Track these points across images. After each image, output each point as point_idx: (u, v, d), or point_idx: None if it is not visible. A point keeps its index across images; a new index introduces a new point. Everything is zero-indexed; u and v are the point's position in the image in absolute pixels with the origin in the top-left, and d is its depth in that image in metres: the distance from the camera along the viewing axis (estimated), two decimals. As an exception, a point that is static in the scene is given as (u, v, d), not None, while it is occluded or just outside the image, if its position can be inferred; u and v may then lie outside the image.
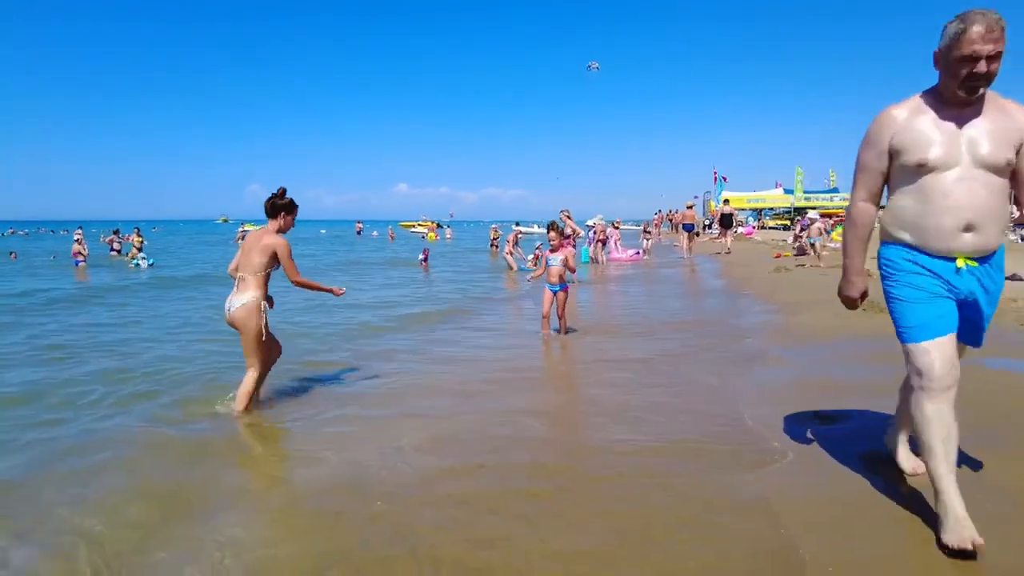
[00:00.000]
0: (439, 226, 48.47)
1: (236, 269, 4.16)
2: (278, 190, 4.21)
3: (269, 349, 4.23)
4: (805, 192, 35.88)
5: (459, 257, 23.16)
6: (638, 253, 19.71)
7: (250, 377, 4.13)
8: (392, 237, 40.03)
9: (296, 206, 4.25)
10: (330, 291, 4.54)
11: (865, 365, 4.94)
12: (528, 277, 6.28)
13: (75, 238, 19.41)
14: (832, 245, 17.01)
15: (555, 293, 6.55)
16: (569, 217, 13.28)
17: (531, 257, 16.83)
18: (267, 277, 4.11)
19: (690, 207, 20.93)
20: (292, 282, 4.18)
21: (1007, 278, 9.81)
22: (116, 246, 22.92)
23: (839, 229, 23.38)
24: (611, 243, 19.24)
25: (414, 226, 53.01)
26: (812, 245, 15.95)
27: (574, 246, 13.41)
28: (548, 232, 6.44)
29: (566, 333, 6.66)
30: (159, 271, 17.17)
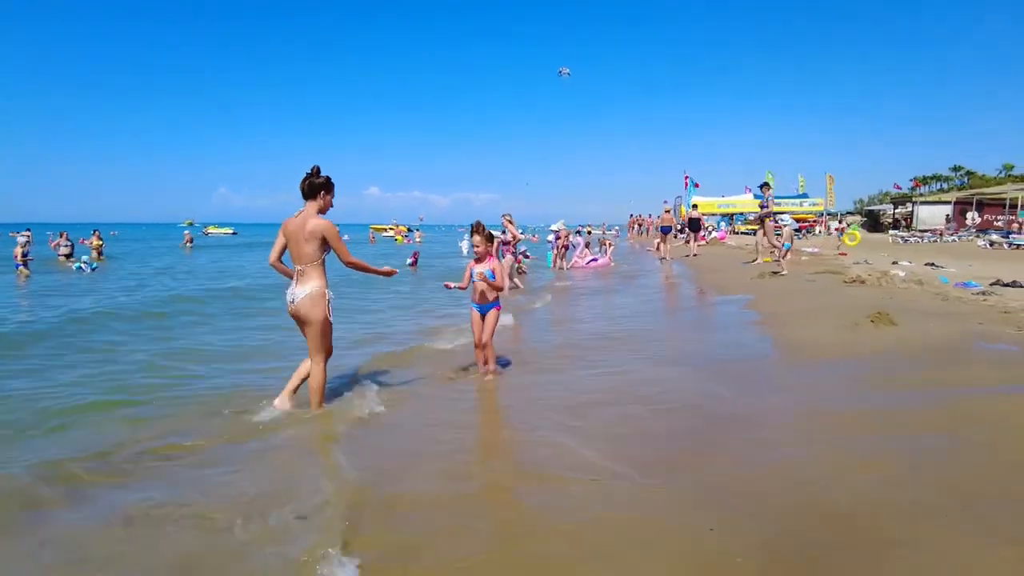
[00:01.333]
0: (409, 230, 48.98)
1: (278, 260, 4.15)
2: (312, 168, 4.00)
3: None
4: (775, 197, 36.30)
5: (433, 261, 22.60)
6: (597, 259, 19.13)
7: (318, 370, 4.07)
8: (372, 240, 42.06)
9: (333, 184, 4.06)
10: (382, 272, 4.35)
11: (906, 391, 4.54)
12: (454, 284, 5.11)
13: (20, 240, 18.07)
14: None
15: (482, 314, 5.22)
16: (511, 222, 12.80)
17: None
18: (324, 263, 4.02)
19: (667, 211, 21.84)
20: (344, 263, 4.09)
21: (1006, 284, 9.85)
22: (64, 250, 21.50)
23: (854, 229, 23.53)
24: (577, 250, 18.94)
25: (385, 230, 52.87)
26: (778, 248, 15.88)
27: (516, 254, 12.92)
28: (472, 236, 5.06)
29: (492, 370, 5.35)
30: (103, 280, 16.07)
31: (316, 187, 3.96)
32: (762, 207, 13.59)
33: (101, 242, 23.74)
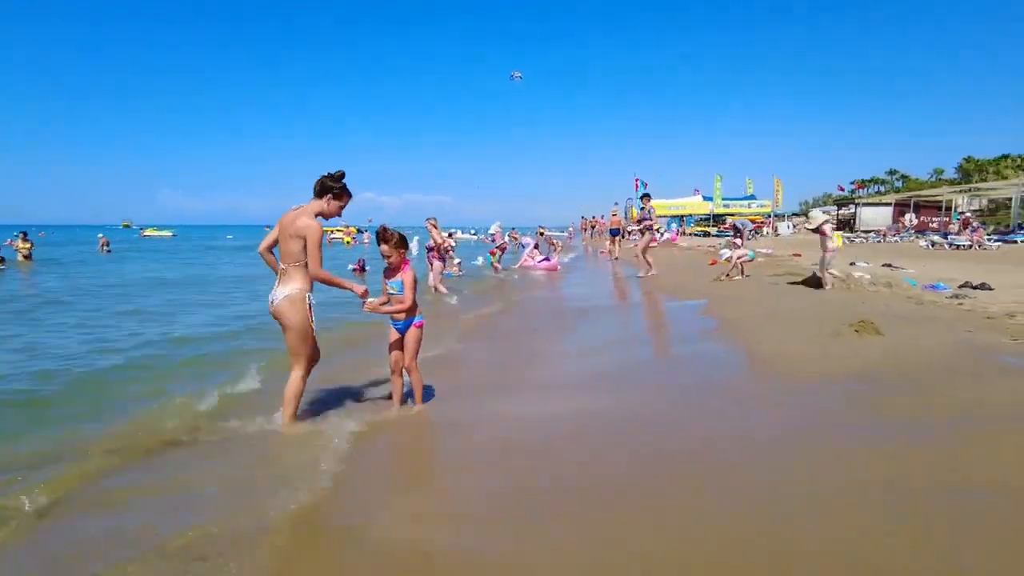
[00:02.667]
0: (359, 231, 47.39)
1: (267, 251, 4.07)
2: (337, 172, 3.87)
3: (315, 347, 3.97)
4: (724, 199, 36.50)
5: (381, 264, 20.85)
6: (548, 259, 18.07)
7: (295, 377, 3.87)
8: (328, 243, 39.91)
9: (349, 194, 3.92)
10: (351, 289, 3.97)
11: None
12: (364, 306, 4.00)
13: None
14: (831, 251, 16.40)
15: (401, 332, 4.21)
16: (435, 226, 11.72)
17: (456, 262, 15.37)
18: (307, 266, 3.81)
19: (614, 213, 22.35)
20: (311, 274, 3.78)
21: (975, 287, 9.36)
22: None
23: (836, 234, 23.00)
24: (527, 250, 18.11)
25: (332, 232, 50.73)
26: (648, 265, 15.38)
27: (443, 259, 11.84)
28: (379, 245, 4.09)
29: (412, 399, 4.31)
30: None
31: (326, 188, 3.82)
32: (641, 220, 12.56)
33: (29, 244, 21.42)
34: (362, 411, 4.29)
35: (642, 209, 12.91)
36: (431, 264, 11.45)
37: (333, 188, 3.84)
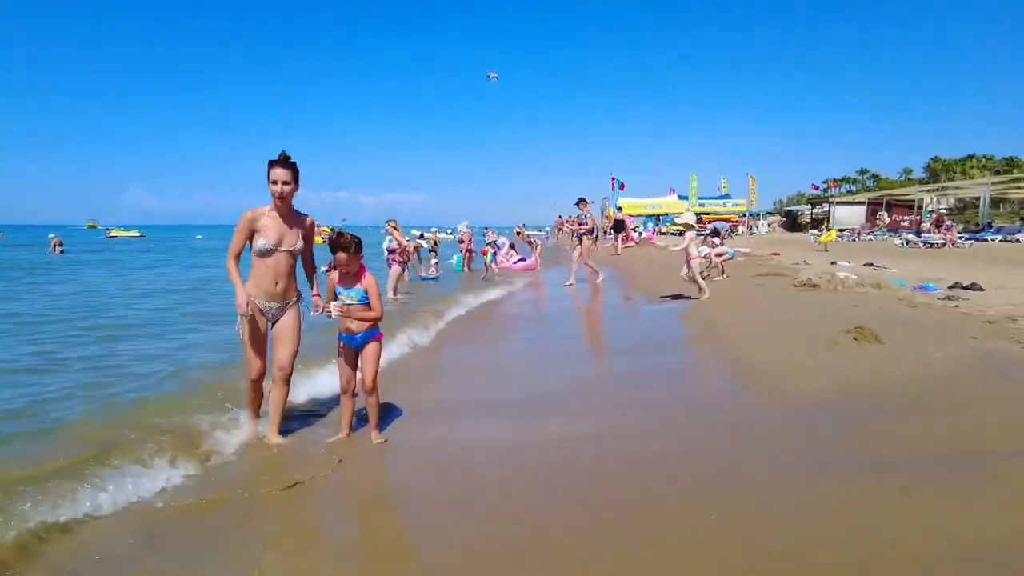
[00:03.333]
0: (332, 231, 46.62)
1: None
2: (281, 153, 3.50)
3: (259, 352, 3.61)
4: (699, 198, 36.33)
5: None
6: (524, 259, 17.47)
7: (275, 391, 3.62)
8: None
9: (272, 168, 3.45)
10: (236, 295, 3.51)
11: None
12: (325, 310, 3.51)
13: None
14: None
15: (356, 348, 3.59)
16: (396, 228, 10.97)
17: (434, 263, 14.64)
18: (252, 260, 3.54)
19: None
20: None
21: (966, 287, 8.95)
22: None
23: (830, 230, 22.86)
24: (502, 251, 17.26)
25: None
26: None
27: (404, 264, 11.10)
28: (334, 254, 3.47)
29: (375, 434, 3.62)
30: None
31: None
32: (580, 223, 11.95)
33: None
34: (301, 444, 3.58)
35: (579, 215, 12.22)
36: (390, 268, 10.73)
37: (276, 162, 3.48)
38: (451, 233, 30.84)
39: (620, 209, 24.94)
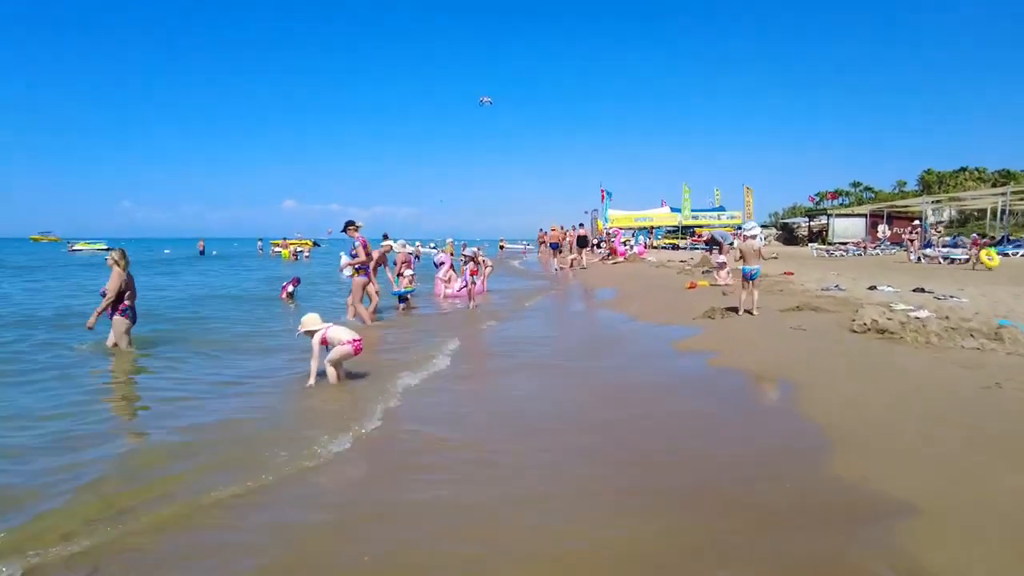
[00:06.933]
0: (315, 244, 45.04)
1: None
2: None
3: None
4: (693, 210, 34.38)
5: (318, 288, 16.84)
6: (466, 286, 12.56)
7: None
8: (260, 252, 40.04)
9: None
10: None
11: None
12: None
13: None
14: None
15: None
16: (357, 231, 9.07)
17: (409, 273, 11.84)
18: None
19: (554, 229, 24.59)
20: None
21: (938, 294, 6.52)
22: None
23: (991, 251, 17.42)
24: (440, 271, 14.02)
25: (277, 244, 46.87)
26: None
27: (368, 277, 9.01)
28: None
29: None
30: None
31: None
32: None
33: None
34: None
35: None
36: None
37: None
38: (434, 247, 28.50)
39: (582, 225, 24.32)
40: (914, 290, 10.16)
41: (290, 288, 13.29)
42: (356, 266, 9.04)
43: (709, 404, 4.63)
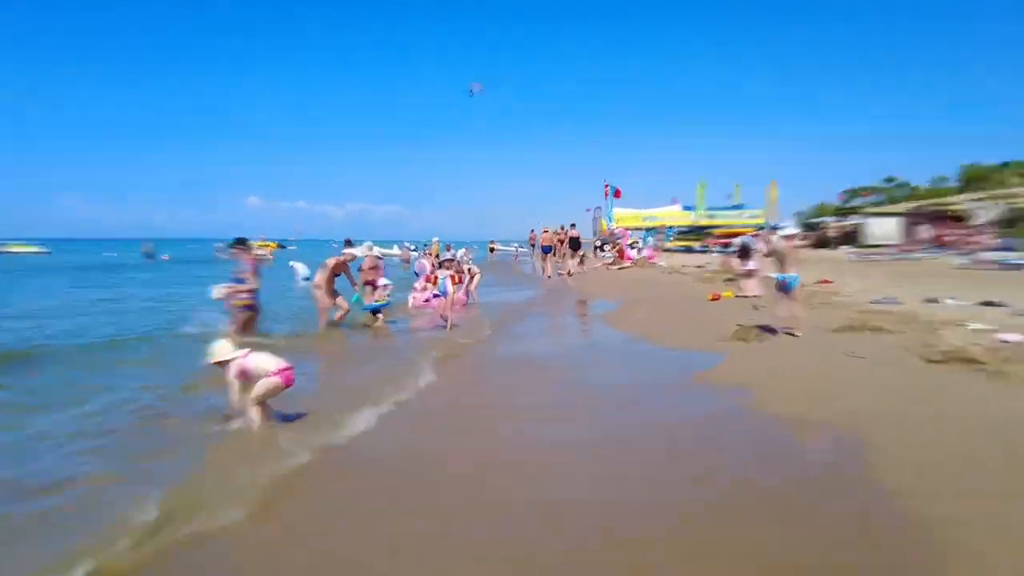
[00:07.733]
0: (281, 246, 43.66)
1: None
2: None
3: None
4: (708, 208, 31.71)
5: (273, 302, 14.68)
6: (436, 297, 10.71)
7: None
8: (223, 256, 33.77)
9: None
10: None
11: None
12: None
13: None
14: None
15: None
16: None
17: (388, 285, 9.72)
18: None
19: (546, 231, 21.67)
20: None
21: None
22: None
23: None
24: (419, 279, 12.25)
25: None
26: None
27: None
28: None
29: None
30: None
31: None
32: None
33: None
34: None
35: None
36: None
37: None
38: (415, 250, 26.28)
39: (573, 226, 21.52)
40: (983, 303, 7.72)
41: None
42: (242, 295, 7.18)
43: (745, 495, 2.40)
